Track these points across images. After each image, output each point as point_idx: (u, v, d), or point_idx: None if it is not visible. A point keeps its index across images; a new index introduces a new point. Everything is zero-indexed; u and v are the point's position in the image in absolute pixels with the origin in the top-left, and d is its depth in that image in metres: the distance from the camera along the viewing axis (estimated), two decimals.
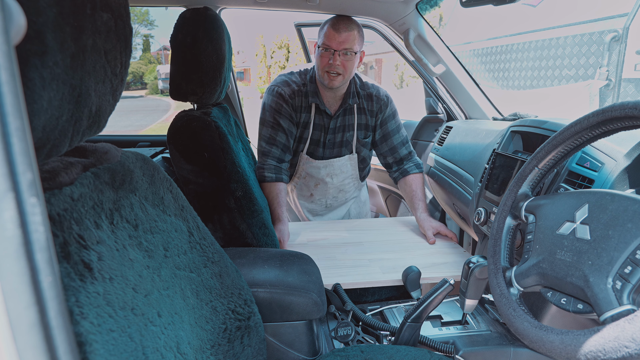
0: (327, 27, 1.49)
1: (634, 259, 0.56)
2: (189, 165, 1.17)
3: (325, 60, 1.50)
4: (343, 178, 1.80)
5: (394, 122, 1.71)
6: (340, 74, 1.51)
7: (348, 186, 1.84)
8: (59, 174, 0.44)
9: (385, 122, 1.70)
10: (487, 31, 6.77)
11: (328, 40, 1.48)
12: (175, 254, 0.62)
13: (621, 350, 0.50)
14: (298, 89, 1.61)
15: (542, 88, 5.39)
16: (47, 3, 0.36)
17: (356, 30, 1.50)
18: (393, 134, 1.71)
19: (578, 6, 5.44)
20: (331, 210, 1.92)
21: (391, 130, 1.71)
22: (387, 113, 1.69)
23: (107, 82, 0.47)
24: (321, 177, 1.77)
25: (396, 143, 1.72)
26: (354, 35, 1.48)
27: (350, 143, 1.73)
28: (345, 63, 1.50)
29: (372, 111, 1.68)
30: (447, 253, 1.42)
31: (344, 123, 1.68)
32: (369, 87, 1.67)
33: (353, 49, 1.49)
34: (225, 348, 0.69)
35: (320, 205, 1.88)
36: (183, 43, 1.14)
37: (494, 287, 0.77)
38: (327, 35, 1.49)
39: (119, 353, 0.40)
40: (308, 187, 1.82)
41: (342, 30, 1.46)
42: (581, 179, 0.91)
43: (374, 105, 1.67)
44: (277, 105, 1.59)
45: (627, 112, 0.61)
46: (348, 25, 1.47)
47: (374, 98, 1.67)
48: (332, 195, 1.85)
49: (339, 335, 1.05)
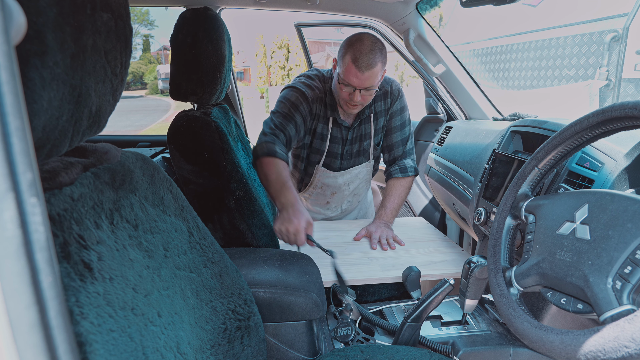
0: (349, 61, 1.34)
1: (634, 259, 0.56)
2: (189, 165, 1.17)
3: (345, 94, 1.41)
4: (358, 183, 1.77)
5: (400, 119, 1.63)
6: (361, 104, 1.45)
7: (361, 189, 1.82)
8: (59, 174, 0.44)
9: (392, 116, 1.62)
10: (487, 31, 6.76)
11: (349, 77, 1.36)
12: (175, 254, 0.62)
13: (621, 350, 0.50)
14: (320, 96, 1.53)
15: (542, 88, 5.39)
16: (47, 3, 0.36)
17: (380, 63, 1.36)
18: (395, 131, 1.64)
19: (578, 6, 5.44)
20: (346, 215, 1.89)
21: (394, 126, 1.64)
22: (395, 107, 1.61)
23: (107, 82, 0.47)
24: (338, 185, 1.72)
25: (395, 141, 1.65)
26: (377, 70, 1.36)
27: (368, 151, 1.68)
28: (367, 97, 1.43)
29: (386, 110, 1.62)
30: (446, 252, 1.43)
31: (360, 132, 1.63)
32: (383, 84, 1.59)
33: (375, 85, 1.40)
34: (225, 348, 0.69)
35: (336, 211, 1.84)
36: (183, 43, 1.14)
37: (493, 287, 0.77)
38: (348, 72, 1.36)
39: (119, 353, 0.40)
40: (324, 195, 1.77)
41: (365, 70, 1.33)
42: (581, 179, 0.91)
43: (388, 103, 1.60)
44: (297, 101, 1.49)
45: (627, 112, 0.61)
46: (372, 62, 1.33)
47: (388, 94, 1.59)
48: (347, 200, 1.81)
49: (339, 335, 1.05)
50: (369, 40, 1.35)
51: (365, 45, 1.33)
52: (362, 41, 1.35)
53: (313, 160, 1.67)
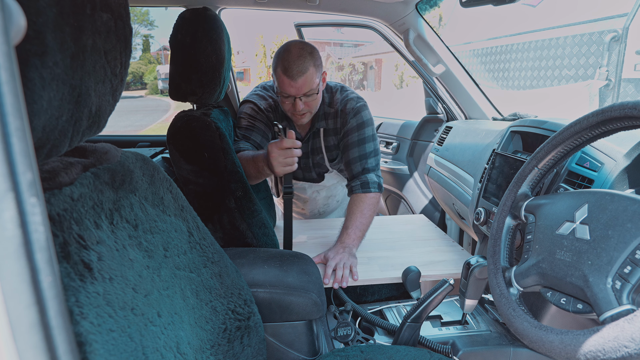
0: (281, 72, 1.32)
1: (634, 259, 0.56)
2: (189, 165, 1.17)
3: (288, 105, 1.39)
4: (329, 187, 1.81)
5: (357, 135, 1.50)
6: (308, 112, 1.42)
7: (336, 190, 1.86)
8: (59, 174, 0.44)
9: (347, 134, 1.52)
10: (487, 31, 6.77)
11: (284, 88, 1.34)
12: (175, 254, 0.62)
13: (621, 350, 0.50)
14: (273, 104, 1.52)
15: (542, 88, 5.39)
16: (47, 3, 0.36)
17: (311, 67, 1.32)
18: (352, 147, 1.51)
19: (578, 6, 5.44)
20: (327, 214, 1.95)
21: (351, 142, 1.51)
22: (351, 125, 1.50)
23: (107, 82, 0.47)
24: (308, 195, 1.80)
25: (352, 157, 1.51)
26: (310, 75, 1.32)
27: (323, 164, 1.66)
28: (310, 103, 1.38)
29: (336, 129, 1.56)
30: (446, 251, 1.43)
31: (313, 146, 1.61)
32: (338, 102, 1.53)
33: (314, 89, 1.35)
34: (225, 348, 0.69)
35: (314, 214, 1.92)
36: (182, 43, 1.14)
37: (493, 287, 0.77)
38: (282, 83, 1.33)
39: (118, 353, 0.40)
40: (297, 204, 1.87)
41: (297, 76, 1.30)
42: (581, 179, 0.91)
43: (338, 122, 1.54)
44: (253, 112, 1.49)
45: (627, 112, 0.61)
46: (302, 68, 1.30)
47: (339, 114, 1.52)
48: (322, 204, 1.88)
49: (339, 335, 1.05)
50: (296, 48, 1.32)
51: (293, 53, 1.31)
52: (289, 50, 1.32)
53: None
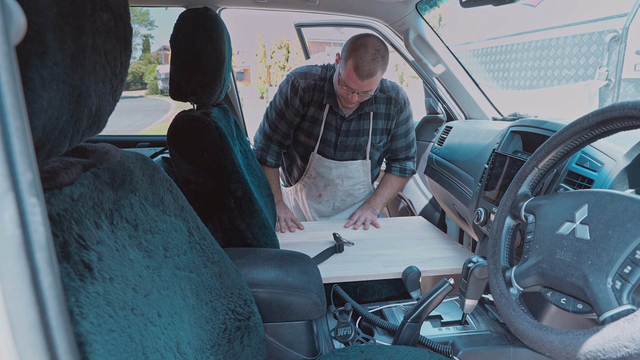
0: (351, 67, 1.39)
1: (634, 259, 0.56)
2: (189, 165, 1.17)
3: (344, 92, 1.48)
4: (354, 183, 1.79)
5: (405, 127, 1.73)
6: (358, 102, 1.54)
7: (358, 191, 1.84)
8: (59, 174, 0.44)
9: (401, 123, 1.71)
10: (487, 31, 6.76)
11: (349, 82, 1.42)
12: (175, 254, 0.62)
13: (621, 350, 0.50)
14: (315, 83, 1.59)
15: (542, 88, 5.38)
16: (47, 3, 0.36)
17: (380, 71, 1.40)
18: (400, 137, 1.74)
19: (578, 6, 5.43)
20: (338, 213, 1.92)
21: (400, 133, 1.73)
22: (402, 117, 1.70)
23: (107, 82, 0.47)
24: (332, 178, 1.76)
25: (399, 146, 1.76)
26: (377, 78, 1.41)
27: (364, 148, 1.71)
28: (364, 98, 1.51)
29: (389, 114, 1.67)
30: (446, 248, 1.45)
31: (358, 127, 1.66)
32: (389, 90, 1.65)
33: (373, 89, 1.46)
34: (225, 348, 0.69)
35: (328, 206, 1.88)
36: (183, 43, 1.14)
37: (493, 287, 0.77)
38: (349, 77, 1.41)
39: (119, 353, 0.40)
40: (317, 187, 1.81)
41: (365, 78, 1.39)
42: (581, 179, 0.91)
43: (392, 109, 1.66)
44: (289, 96, 1.61)
45: (627, 112, 0.61)
46: (372, 71, 1.38)
47: (392, 101, 1.65)
48: (340, 197, 1.84)
49: (339, 335, 1.05)
50: (372, 48, 1.38)
51: (369, 53, 1.37)
52: (366, 48, 1.37)
53: (309, 145, 1.72)
